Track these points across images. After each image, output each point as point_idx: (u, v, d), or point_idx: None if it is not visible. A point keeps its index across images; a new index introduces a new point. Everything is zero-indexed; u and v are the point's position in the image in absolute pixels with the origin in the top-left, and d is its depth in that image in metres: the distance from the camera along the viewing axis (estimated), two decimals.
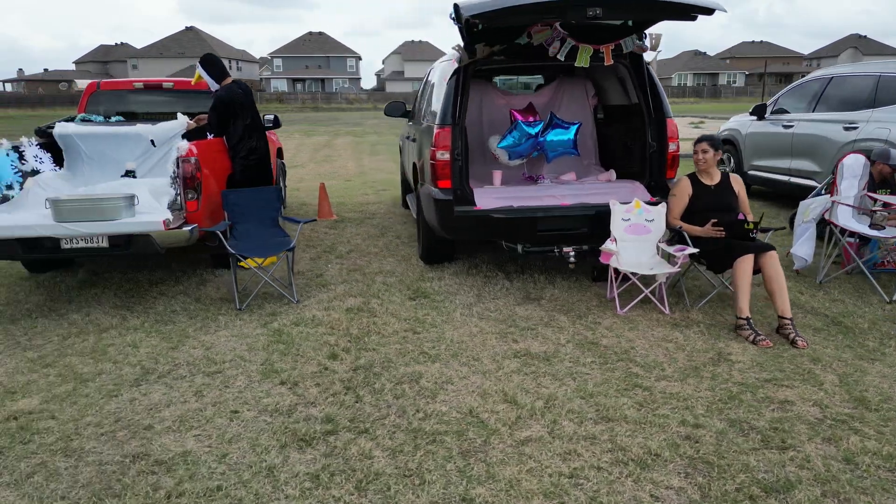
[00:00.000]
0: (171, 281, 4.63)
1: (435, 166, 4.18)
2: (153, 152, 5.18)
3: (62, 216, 3.69)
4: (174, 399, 2.87)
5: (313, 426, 2.61)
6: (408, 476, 2.27)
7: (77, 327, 3.75)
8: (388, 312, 3.90)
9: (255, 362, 3.24)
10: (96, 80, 5.65)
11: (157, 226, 3.76)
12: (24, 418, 2.70)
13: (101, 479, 2.30)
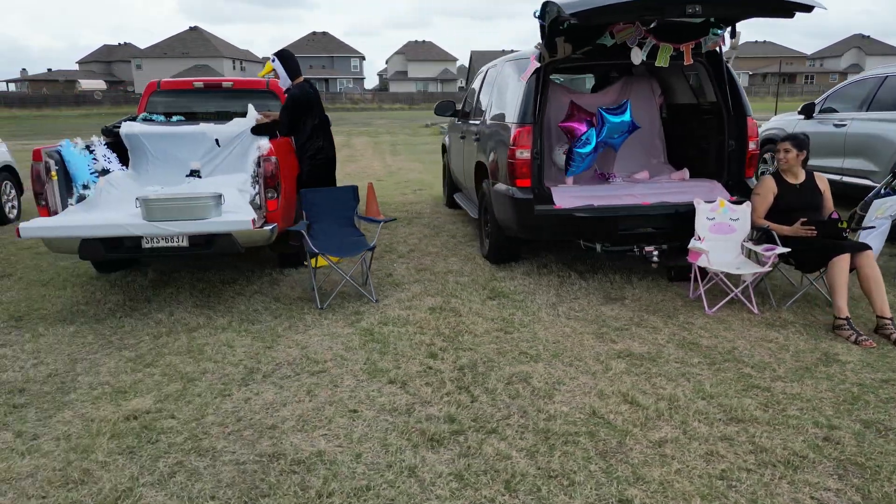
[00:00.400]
0: (242, 280, 4.63)
1: (514, 165, 4.16)
2: (218, 151, 5.19)
3: (153, 215, 3.68)
4: (288, 399, 2.86)
5: (438, 426, 2.60)
6: (554, 477, 2.26)
7: (165, 327, 3.75)
8: (472, 312, 3.89)
9: (356, 362, 3.24)
10: (156, 80, 5.64)
11: (246, 225, 3.75)
12: (143, 418, 2.70)
13: (244, 479, 2.29)
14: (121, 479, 2.28)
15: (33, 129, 24.42)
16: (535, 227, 4.16)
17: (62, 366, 3.23)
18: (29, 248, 5.66)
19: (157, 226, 3.67)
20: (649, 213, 4.10)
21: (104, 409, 2.79)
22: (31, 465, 2.39)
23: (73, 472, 2.33)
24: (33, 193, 3.95)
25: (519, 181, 4.18)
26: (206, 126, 5.15)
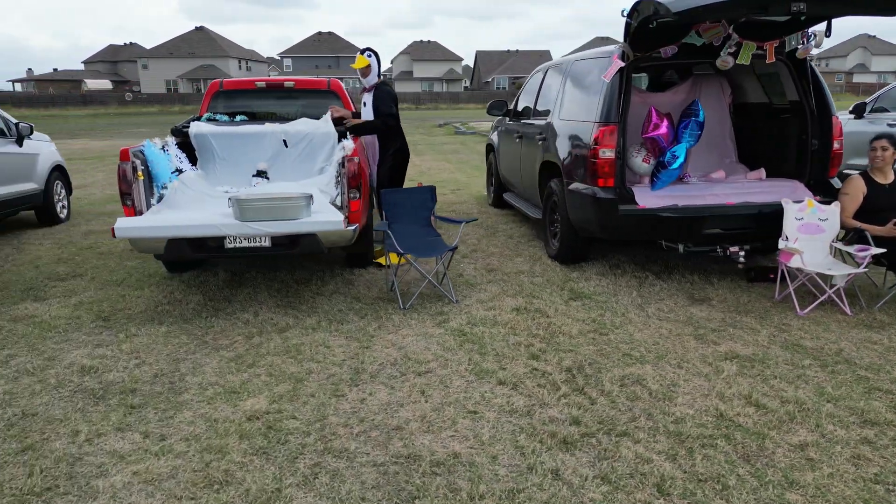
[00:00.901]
0: (316, 280, 4.60)
1: (597, 165, 4.14)
2: (285, 152, 5.18)
3: (246, 215, 3.67)
4: (403, 399, 2.84)
5: (564, 428, 2.58)
6: (703, 481, 2.24)
7: (254, 327, 3.73)
8: (559, 313, 3.86)
9: (459, 362, 3.22)
10: (219, 80, 5.62)
11: (338, 225, 3.73)
12: (264, 418, 2.69)
13: (388, 481, 2.28)
14: (265, 480, 2.28)
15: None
16: (617, 228, 4.14)
17: (165, 366, 3.23)
18: (90, 248, 5.66)
19: (251, 226, 3.65)
20: (734, 214, 4.07)
21: (222, 409, 2.78)
22: (168, 465, 2.39)
23: (214, 473, 2.33)
24: (119, 193, 3.94)
25: (601, 181, 4.15)
26: (274, 126, 5.16)
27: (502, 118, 7.17)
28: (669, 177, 4.24)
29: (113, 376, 3.10)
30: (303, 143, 5.16)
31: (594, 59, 4.62)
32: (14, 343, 3.51)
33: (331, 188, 4.35)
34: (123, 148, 3.94)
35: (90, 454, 2.44)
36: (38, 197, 6.34)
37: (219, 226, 3.67)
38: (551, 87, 5.50)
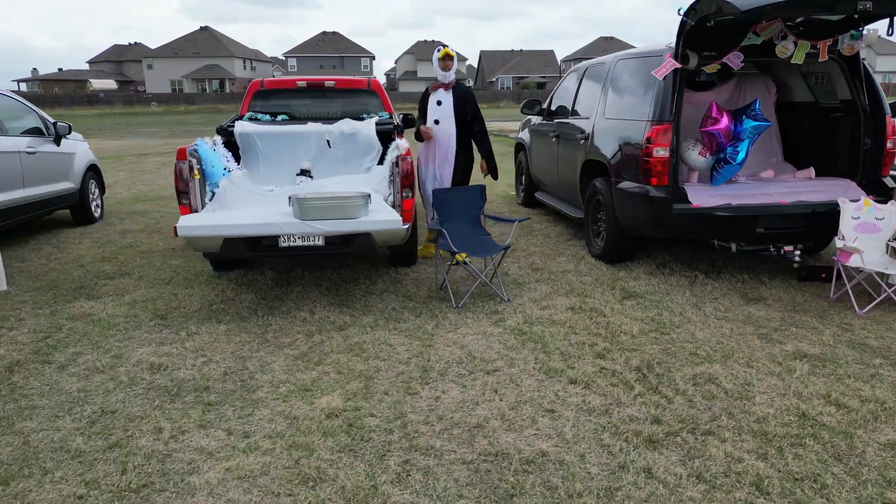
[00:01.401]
0: (364, 279, 4.60)
1: (651, 164, 4.14)
2: (327, 151, 5.19)
3: (307, 214, 3.68)
4: (477, 397, 2.84)
5: (646, 427, 2.58)
6: (800, 480, 2.23)
7: (313, 325, 3.73)
8: (616, 312, 3.85)
9: (526, 361, 3.21)
10: (259, 79, 5.64)
11: (397, 224, 3.74)
12: (343, 416, 2.69)
13: (482, 479, 2.28)
14: (358, 478, 2.28)
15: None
16: (671, 227, 4.13)
17: (233, 363, 3.24)
18: (130, 247, 5.67)
19: (311, 225, 3.67)
20: (788, 213, 4.07)
21: (298, 407, 2.79)
22: (259, 462, 2.39)
23: (305, 470, 2.33)
24: (176, 192, 3.96)
25: (655, 180, 4.15)
26: (319, 126, 5.17)
27: (532, 118, 7.20)
28: (731, 171, 4.23)
29: (183, 374, 3.12)
30: (346, 142, 5.19)
31: (642, 58, 4.61)
32: (77, 341, 3.53)
33: (382, 187, 4.38)
34: (181, 147, 3.96)
35: (178, 451, 2.46)
36: (75, 196, 6.36)
37: (279, 224, 3.68)
38: (592, 87, 5.49)
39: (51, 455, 2.41)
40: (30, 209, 5.56)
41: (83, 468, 2.34)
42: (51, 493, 2.21)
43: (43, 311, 3.98)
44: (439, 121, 4.84)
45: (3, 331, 3.65)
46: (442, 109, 4.84)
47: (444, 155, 4.90)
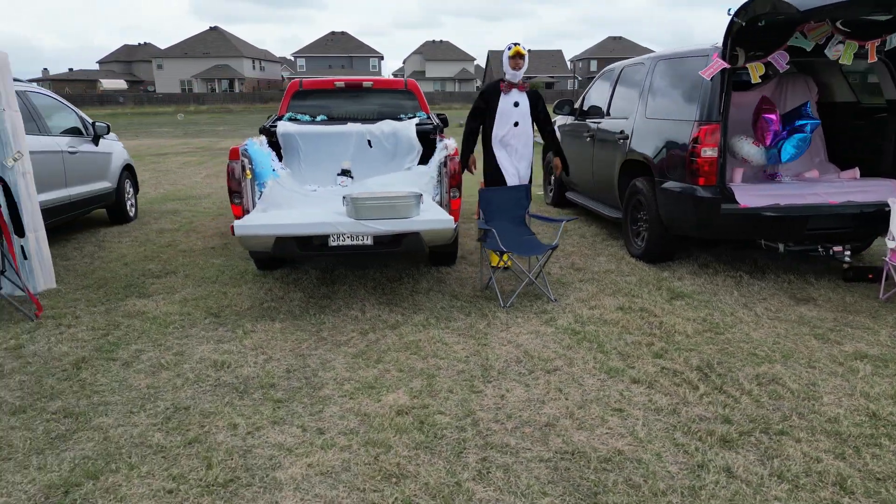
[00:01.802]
0: (407, 278, 4.62)
1: (697, 163, 4.14)
2: (368, 152, 5.22)
3: (361, 214, 3.71)
4: (542, 396, 2.85)
5: (718, 426, 2.58)
6: (883, 480, 2.23)
7: (365, 323, 3.77)
8: (666, 312, 3.85)
9: (585, 360, 3.23)
10: (298, 79, 5.68)
11: (450, 224, 3.77)
12: (412, 413, 2.71)
13: (562, 476, 2.30)
14: (439, 474, 2.30)
15: None
16: (719, 227, 4.13)
17: (293, 361, 3.27)
18: (170, 246, 5.72)
19: (366, 224, 3.70)
20: (837, 213, 4.07)
21: (366, 404, 2.81)
22: (338, 458, 2.42)
23: (386, 466, 2.36)
24: (229, 192, 4.00)
25: (702, 180, 4.15)
26: (360, 126, 5.20)
27: (559, 118, 7.22)
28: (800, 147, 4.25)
29: (247, 371, 3.15)
30: (387, 143, 5.23)
31: (685, 58, 4.62)
32: (136, 338, 3.57)
33: (429, 187, 4.41)
34: (234, 147, 4.01)
35: (257, 447, 2.49)
36: (112, 195, 6.43)
37: (334, 224, 3.71)
38: (629, 87, 5.50)
39: (133, 450, 2.45)
40: (72, 208, 5.63)
41: (167, 463, 2.39)
42: (140, 488, 2.25)
43: (97, 308, 4.05)
44: (519, 122, 4.67)
45: (63, 328, 3.72)
46: (520, 111, 4.68)
47: (525, 155, 4.73)
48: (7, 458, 2.41)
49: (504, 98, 4.68)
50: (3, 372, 3.13)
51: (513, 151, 4.76)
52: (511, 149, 4.74)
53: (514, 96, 4.69)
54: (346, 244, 3.91)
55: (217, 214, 7.24)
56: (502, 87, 4.70)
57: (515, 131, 4.72)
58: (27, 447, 2.47)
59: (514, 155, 4.75)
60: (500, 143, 4.71)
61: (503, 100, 4.67)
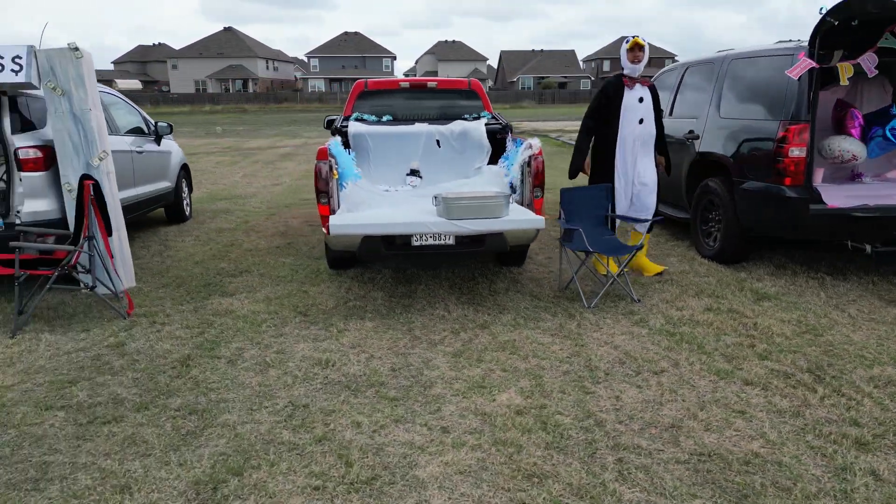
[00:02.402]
0: (481, 278, 4.61)
1: (785, 163, 4.10)
2: (436, 152, 5.23)
3: (453, 214, 3.72)
4: (657, 398, 2.83)
5: (849, 429, 2.54)
6: None
7: (454, 322, 3.76)
8: (757, 314, 3.81)
9: (690, 362, 3.19)
10: (364, 80, 5.70)
11: (540, 224, 3.77)
12: (531, 413, 2.69)
13: (703, 478, 2.27)
14: (580, 474, 2.29)
15: None
16: (806, 228, 4.09)
17: (395, 360, 3.28)
18: (233, 245, 5.75)
19: (458, 224, 3.70)
20: None
21: (481, 403, 2.80)
22: (472, 457, 2.42)
23: (523, 465, 2.35)
24: (316, 192, 4.02)
25: (789, 180, 4.10)
26: (430, 126, 5.22)
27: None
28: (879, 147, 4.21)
29: (353, 370, 3.16)
30: (456, 143, 5.23)
31: (767, 56, 4.57)
32: (232, 336, 3.59)
33: (505, 187, 4.42)
34: (322, 147, 4.03)
35: (387, 445, 2.50)
36: (171, 195, 6.50)
37: (427, 223, 3.73)
38: (697, 86, 5.45)
39: (266, 448, 2.47)
40: (138, 208, 5.68)
41: (304, 461, 2.40)
42: (285, 485, 2.26)
43: (184, 307, 4.08)
44: (643, 119, 4.34)
45: (157, 326, 3.75)
46: (644, 107, 4.36)
47: (649, 155, 4.41)
48: (146, 454, 2.44)
49: (628, 93, 4.36)
50: (114, 369, 3.17)
51: (635, 152, 4.40)
52: (634, 149, 4.40)
53: (637, 91, 4.37)
54: (429, 244, 3.92)
55: (270, 214, 7.28)
56: (626, 82, 4.37)
57: (640, 129, 4.39)
58: (162, 444, 2.50)
59: (637, 156, 4.39)
60: (623, 143, 4.40)
61: (627, 95, 4.36)
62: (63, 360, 3.26)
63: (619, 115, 4.37)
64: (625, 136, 4.41)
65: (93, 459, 2.39)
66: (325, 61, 74.05)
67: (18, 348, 3.41)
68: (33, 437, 2.52)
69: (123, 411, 2.74)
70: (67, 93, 4.19)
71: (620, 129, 4.39)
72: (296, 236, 6.10)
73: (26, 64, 4.08)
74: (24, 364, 3.22)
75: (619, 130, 4.37)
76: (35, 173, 4.22)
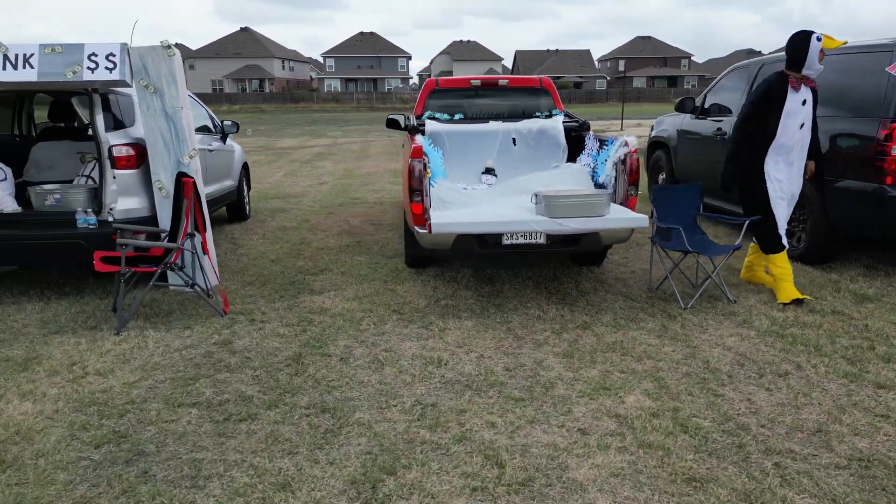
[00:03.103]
0: (564, 278, 4.55)
1: (887, 162, 4.01)
2: (512, 150, 5.19)
3: (555, 212, 3.68)
4: (789, 400, 2.75)
5: None
6: None
7: (555, 323, 3.71)
8: (864, 315, 3.72)
9: (812, 364, 3.10)
10: (435, 78, 5.69)
11: (643, 222, 3.73)
12: (666, 416, 2.63)
13: (875, 485, 2.20)
14: (741, 479, 2.21)
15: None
16: None
17: (507, 359, 3.23)
18: (304, 243, 5.74)
19: (560, 222, 3.67)
20: None
21: (612, 405, 2.74)
22: (622, 460, 2.36)
23: (678, 469, 2.29)
24: (410, 190, 4.00)
25: (889, 179, 4.00)
26: (506, 125, 5.17)
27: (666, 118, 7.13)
28: None
29: (467, 369, 3.12)
30: (532, 141, 5.19)
31: (862, 53, 4.47)
32: (336, 334, 3.57)
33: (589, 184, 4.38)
34: (417, 146, 4.01)
35: (531, 446, 2.45)
36: (234, 193, 6.53)
37: (528, 222, 3.69)
38: None
39: (410, 447, 2.44)
40: (208, 206, 5.72)
41: (452, 461, 2.36)
42: (442, 485, 2.22)
43: (277, 305, 4.07)
44: (804, 124, 3.91)
45: (257, 324, 3.75)
46: (806, 110, 3.93)
47: (801, 163, 3.99)
48: (292, 451, 2.43)
49: (792, 96, 3.88)
50: (231, 367, 3.17)
51: (792, 160, 3.95)
52: (791, 157, 3.95)
53: (803, 93, 3.91)
54: (520, 242, 3.89)
55: (327, 213, 7.28)
56: (792, 83, 3.88)
57: (800, 135, 3.94)
58: (305, 442, 2.49)
59: (793, 165, 3.95)
60: (778, 150, 3.91)
61: (791, 98, 3.87)
62: (176, 358, 3.27)
63: (778, 121, 3.88)
64: (782, 143, 3.91)
65: (242, 457, 2.38)
66: (340, 61, 74.37)
67: (127, 345, 3.44)
68: (175, 434, 2.53)
69: (255, 409, 2.74)
70: (159, 90, 4.22)
71: (778, 136, 3.89)
72: (361, 235, 6.10)
73: (120, 62, 4.10)
74: (140, 361, 3.24)
75: (776, 137, 3.88)
76: (127, 171, 4.25)
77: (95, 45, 4.14)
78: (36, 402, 2.81)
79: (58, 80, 4.07)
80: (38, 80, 4.09)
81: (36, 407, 2.76)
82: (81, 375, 3.06)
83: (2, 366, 3.19)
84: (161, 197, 4.33)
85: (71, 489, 2.19)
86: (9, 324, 3.79)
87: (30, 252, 4.16)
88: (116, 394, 2.88)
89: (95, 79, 4.12)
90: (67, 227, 4.12)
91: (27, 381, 3.00)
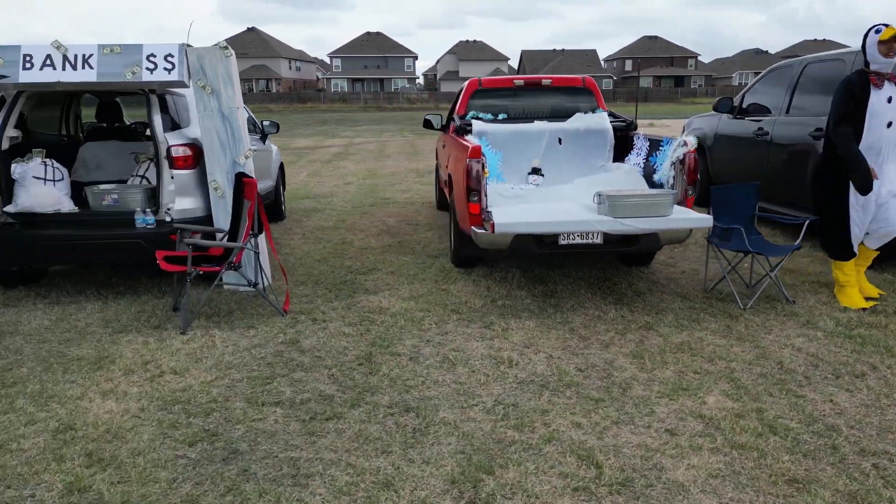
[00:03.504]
0: (616, 278, 4.53)
1: None
2: (557, 149, 5.19)
3: (618, 212, 3.68)
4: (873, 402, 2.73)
5: None
6: None
7: (617, 323, 3.69)
8: None
9: (888, 366, 3.08)
10: (478, 78, 5.69)
11: (707, 222, 3.72)
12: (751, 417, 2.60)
13: None
14: (842, 481, 2.20)
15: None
16: None
17: (577, 360, 3.21)
18: (345, 243, 5.74)
19: (623, 222, 3.66)
20: None
21: (693, 406, 2.72)
22: (717, 461, 2.34)
23: (776, 470, 2.27)
24: (467, 190, 4.00)
25: None
26: (553, 124, 5.17)
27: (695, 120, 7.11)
28: None
29: (539, 369, 3.13)
30: (578, 140, 5.18)
31: None
32: (399, 333, 3.57)
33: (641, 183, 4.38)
34: (475, 146, 4.01)
35: (621, 447, 2.45)
36: (272, 194, 6.56)
37: (591, 221, 3.69)
38: (819, 84, 5.31)
39: (501, 447, 2.43)
40: None
41: (547, 461, 2.35)
42: (543, 485, 2.21)
43: (335, 304, 4.08)
44: (892, 122, 3.73)
45: (320, 323, 3.76)
46: (892, 108, 3.74)
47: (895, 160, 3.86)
48: (385, 451, 2.44)
49: (876, 94, 3.73)
50: (304, 366, 3.18)
51: (882, 159, 3.78)
52: (882, 157, 3.78)
53: (887, 90, 3.75)
54: (576, 242, 3.88)
55: (362, 213, 7.28)
56: (873, 80, 3.74)
57: (888, 134, 3.77)
58: (396, 441, 2.49)
59: (884, 163, 3.79)
60: (866, 153, 3.73)
61: (875, 96, 3.73)
62: (247, 357, 3.29)
63: (862, 122, 3.73)
64: (870, 143, 3.76)
65: (337, 456, 2.39)
66: (347, 61, 74.51)
67: (196, 344, 3.46)
68: (265, 434, 2.54)
69: (338, 408, 2.75)
70: (216, 91, 4.24)
71: (864, 137, 3.75)
72: (401, 235, 6.10)
73: (178, 62, 4.13)
74: (212, 360, 3.25)
75: (862, 139, 3.73)
76: (185, 171, 4.27)
77: (154, 45, 4.16)
78: (119, 400, 2.83)
79: (117, 80, 4.10)
80: (97, 80, 4.12)
81: (120, 406, 2.79)
82: (158, 374, 3.09)
83: (75, 364, 3.23)
84: (216, 197, 4.36)
85: (176, 487, 2.21)
86: (72, 323, 3.83)
87: (89, 252, 4.18)
88: (197, 392, 2.90)
89: (154, 79, 4.14)
90: (127, 226, 4.15)
91: (105, 381, 3.03)
